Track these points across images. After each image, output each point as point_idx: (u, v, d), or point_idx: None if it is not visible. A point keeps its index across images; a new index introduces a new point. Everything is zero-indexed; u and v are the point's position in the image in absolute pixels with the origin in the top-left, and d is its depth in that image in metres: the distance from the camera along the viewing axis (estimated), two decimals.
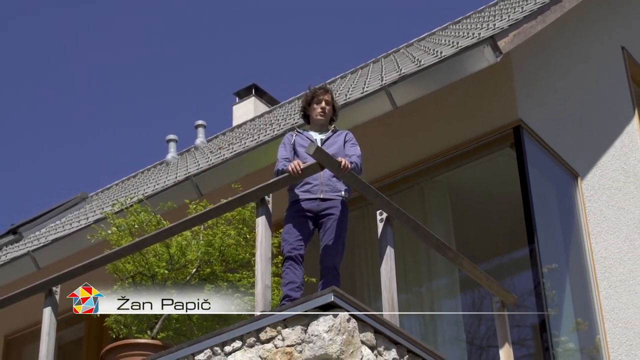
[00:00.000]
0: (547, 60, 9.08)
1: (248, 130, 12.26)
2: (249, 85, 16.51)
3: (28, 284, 7.27)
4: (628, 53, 10.58)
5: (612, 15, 10.73)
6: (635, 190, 9.64)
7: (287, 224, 6.31)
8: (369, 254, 8.23)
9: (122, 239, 7.39)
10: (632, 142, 10.00)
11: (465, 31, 9.77)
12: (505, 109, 8.15)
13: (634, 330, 8.57)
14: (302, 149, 6.37)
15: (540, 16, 8.00)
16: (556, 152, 8.45)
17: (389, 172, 8.48)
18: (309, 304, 5.35)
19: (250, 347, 5.48)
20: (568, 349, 7.76)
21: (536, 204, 7.84)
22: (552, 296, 7.66)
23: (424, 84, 7.63)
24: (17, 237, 13.17)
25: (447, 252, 6.80)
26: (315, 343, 5.23)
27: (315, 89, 6.73)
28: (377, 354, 5.39)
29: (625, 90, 10.31)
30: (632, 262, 9.02)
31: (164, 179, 10.74)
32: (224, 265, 7.20)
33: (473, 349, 7.98)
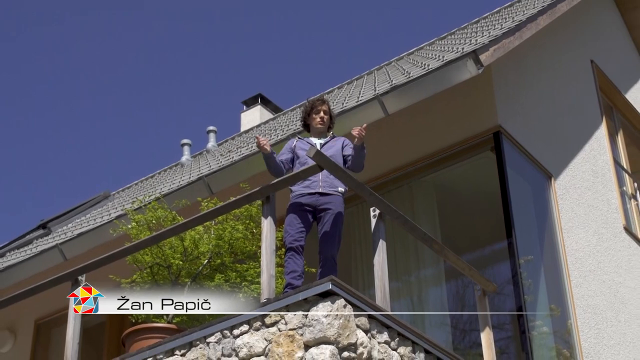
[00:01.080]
0: (524, 72, 9.08)
1: (254, 135, 12.25)
2: (255, 94, 16.51)
3: (56, 273, 7.26)
4: (596, 66, 10.59)
5: (582, 32, 10.73)
6: (603, 190, 9.64)
7: (288, 217, 6.31)
8: (363, 247, 8.22)
9: (141, 233, 7.39)
10: (601, 146, 10.00)
11: (450, 46, 9.76)
12: (485, 116, 8.15)
13: (602, 315, 8.58)
14: (303, 152, 6.39)
15: (518, 32, 8.00)
16: (532, 155, 8.45)
17: (381, 173, 8.48)
18: (309, 292, 5.35)
19: (256, 331, 5.48)
20: (542, 333, 7.76)
21: (514, 201, 7.84)
22: (528, 285, 7.66)
23: (413, 93, 7.62)
24: (47, 231, 13.17)
25: (434, 244, 6.80)
26: (315, 327, 5.23)
27: (314, 100, 6.74)
28: (370, 337, 5.39)
29: (594, 99, 10.31)
30: (600, 254, 9.03)
31: (179, 179, 10.74)
32: (233, 256, 7.20)
33: (457, 332, 7.97)
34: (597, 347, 8.25)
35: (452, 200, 8.65)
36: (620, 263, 9.40)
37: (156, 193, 9.29)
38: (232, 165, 8.67)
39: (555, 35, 9.78)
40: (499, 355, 6.98)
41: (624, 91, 11.20)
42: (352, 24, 32.99)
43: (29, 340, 10.70)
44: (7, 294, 7.75)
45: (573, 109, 9.86)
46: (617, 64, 11.41)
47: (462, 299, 8.08)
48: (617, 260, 9.34)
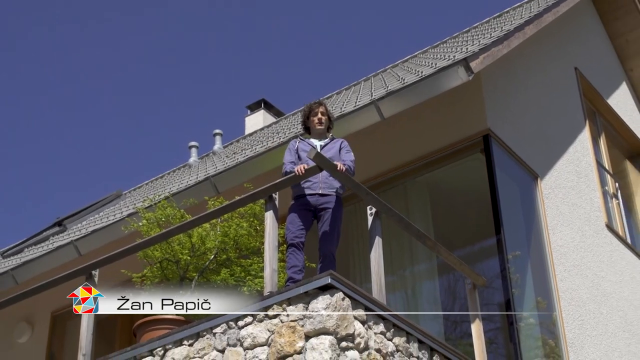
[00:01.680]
0: (512, 78, 9.09)
1: (258, 138, 12.25)
2: (259, 99, 16.48)
3: (71, 268, 7.27)
4: (580, 73, 10.59)
5: (566, 41, 10.73)
6: (586, 189, 9.65)
7: (290, 216, 6.32)
8: (360, 243, 8.22)
9: (151, 230, 7.39)
10: (584, 148, 10.01)
11: (442, 54, 9.76)
12: (475, 120, 8.15)
13: (585, 307, 8.58)
14: (304, 153, 6.40)
15: (506, 41, 8.00)
16: (519, 156, 8.45)
17: (378, 173, 8.48)
18: (309, 285, 5.36)
19: (259, 322, 5.48)
20: (529, 324, 7.76)
21: (502, 200, 7.84)
22: (516, 279, 7.66)
23: (407, 98, 7.63)
24: (62, 228, 13.16)
25: (427, 241, 6.80)
26: (315, 318, 5.23)
27: (311, 104, 6.75)
28: (367, 328, 5.39)
29: (577, 104, 10.31)
30: (583, 250, 9.03)
31: (187, 179, 10.74)
32: (238, 252, 7.19)
33: (448, 323, 7.96)
34: (580, 337, 8.25)
35: (445, 199, 8.65)
36: (603, 258, 9.41)
37: (165, 192, 9.29)
38: (236, 166, 8.67)
39: (542, 43, 9.78)
40: (488, 345, 6.98)
41: (606, 96, 11.20)
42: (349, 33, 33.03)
43: (46, 331, 10.70)
44: (24, 288, 7.76)
45: (558, 114, 9.86)
46: (600, 71, 11.41)
47: (454, 292, 8.07)
48: (599, 256, 9.34)
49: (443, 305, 8.07)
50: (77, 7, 31.32)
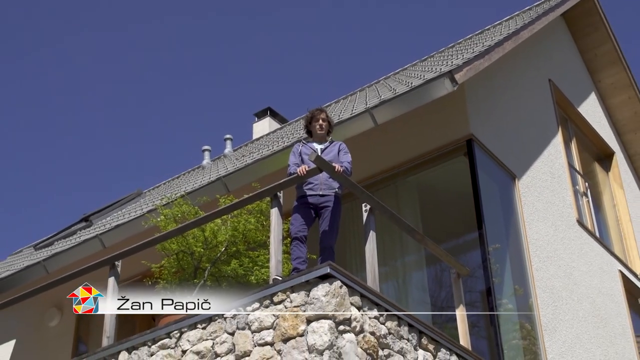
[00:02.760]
0: (492, 89, 9.09)
1: (264, 143, 12.25)
2: (265, 108, 16.46)
3: (96, 259, 7.27)
4: (553, 83, 10.60)
5: (541, 55, 10.74)
6: (559, 188, 9.65)
7: (294, 212, 6.32)
8: (356, 237, 8.22)
9: (168, 225, 7.38)
10: (557, 152, 10.01)
11: (430, 67, 9.77)
12: (460, 126, 8.15)
13: (558, 295, 8.59)
14: (306, 156, 6.39)
15: (487, 55, 8.00)
16: (499, 159, 8.46)
17: (372, 174, 8.48)
18: (310, 275, 5.35)
19: (266, 308, 5.48)
20: (508, 309, 7.76)
21: (483, 198, 7.85)
22: (496, 269, 7.66)
23: (399, 107, 7.63)
24: (88, 223, 13.16)
25: (416, 235, 6.81)
26: (315, 304, 5.23)
27: (313, 110, 6.75)
28: (362, 313, 5.39)
29: (551, 112, 10.32)
30: (557, 243, 9.04)
31: (200, 179, 10.74)
32: (246, 245, 7.19)
33: (435, 309, 7.96)
34: (554, 321, 8.26)
35: (432, 198, 8.66)
36: (574, 250, 9.41)
37: (181, 191, 9.29)
38: (245, 167, 8.67)
39: (519, 57, 9.79)
40: (471, 328, 6.98)
41: (576, 105, 11.20)
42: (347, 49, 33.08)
43: (74, 316, 10.69)
44: (55, 277, 7.76)
45: (534, 120, 9.87)
46: (571, 82, 11.41)
47: (440, 280, 8.07)
48: (571, 248, 9.35)
49: (430, 293, 8.08)
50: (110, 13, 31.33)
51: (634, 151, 12.41)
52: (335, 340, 5.08)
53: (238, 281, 7.07)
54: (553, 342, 8.06)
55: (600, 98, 12.18)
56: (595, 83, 12.13)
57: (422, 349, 5.84)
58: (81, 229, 12.89)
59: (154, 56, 32.60)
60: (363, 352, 5.21)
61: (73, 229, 13.25)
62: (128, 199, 14.23)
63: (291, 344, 5.20)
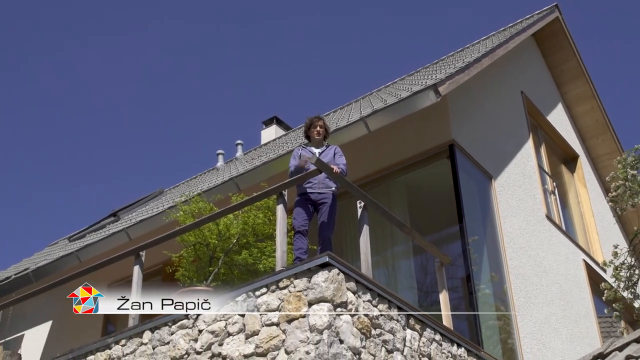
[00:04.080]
0: (471, 100, 9.09)
1: (271, 147, 12.25)
2: (272, 117, 16.47)
3: (123, 250, 7.27)
4: (525, 95, 10.60)
5: (514, 70, 10.74)
6: (530, 187, 9.65)
7: (296, 208, 6.32)
8: (351, 230, 8.22)
9: (187, 219, 7.39)
10: (528, 155, 10.01)
11: (417, 80, 9.76)
12: (442, 132, 8.15)
13: (529, 281, 8.58)
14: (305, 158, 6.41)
15: (467, 70, 8.00)
16: (477, 161, 8.45)
17: (365, 175, 8.48)
18: (311, 263, 5.35)
19: (272, 292, 5.48)
20: (485, 294, 7.76)
21: (464, 196, 7.84)
22: (475, 258, 7.66)
23: (389, 115, 7.62)
24: (116, 218, 13.16)
25: (404, 228, 6.80)
26: (316, 289, 5.22)
27: (312, 118, 6.75)
28: (357, 297, 5.38)
29: (523, 120, 10.31)
30: (528, 235, 9.03)
31: (215, 179, 10.73)
32: (255, 237, 7.19)
33: (421, 293, 7.96)
34: (525, 304, 8.25)
35: (418, 195, 8.65)
36: (543, 242, 9.41)
37: (198, 190, 9.28)
38: (254, 169, 8.66)
39: (495, 72, 9.78)
40: (454, 310, 6.97)
41: (545, 114, 11.20)
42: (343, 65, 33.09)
43: None
44: (87, 265, 7.75)
45: (508, 127, 9.86)
46: (540, 94, 11.40)
47: (425, 268, 8.07)
48: (540, 240, 9.34)
49: (417, 279, 8.07)
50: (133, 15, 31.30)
51: (595, 154, 12.43)
52: (334, 321, 5.08)
53: (248, 269, 7.08)
54: (525, 322, 8.06)
55: (566, 108, 12.18)
56: (562, 95, 12.13)
57: (409, 328, 5.83)
58: (110, 223, 12.90)
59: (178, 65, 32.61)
60: (358, 332, 5.21)
61: (103, 223, 13.26)
62: (151, 197, 14.24)
63: (295, 324, 5.19)
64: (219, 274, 7.00)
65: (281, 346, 5.19)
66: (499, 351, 7.51)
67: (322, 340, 4.97)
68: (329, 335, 4.98)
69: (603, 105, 12.12)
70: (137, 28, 31.51)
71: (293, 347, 5.10)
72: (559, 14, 11.45)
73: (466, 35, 33.48)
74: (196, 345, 5.72)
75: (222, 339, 5.56)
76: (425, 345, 5.93)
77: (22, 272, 10.68)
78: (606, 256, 10.42)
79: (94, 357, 6.47)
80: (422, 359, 5.81)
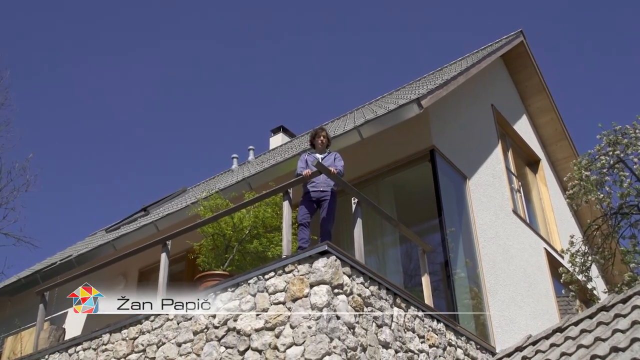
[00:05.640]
0: (449, 111, 9.08)
1: (278, 152, 12.24)
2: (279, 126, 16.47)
3: (152, 239, 7.27)
4: (494, 107, 10.59)
5: (486, 86, 10.73)
6: (498, 186, 9.64)
7: (301, 204, 6.33)
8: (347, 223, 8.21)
9: (206, 213, 7.40)
10: (497, 159, 10.00)
11: (402, 95, 9.76)
12: (424, 139, 8.14)
13: (498, 266, 8.58)
14: (310, 163, 6.41)
15: (445, 87, 8.00)
16: (454, 164, 8.45)
17: (359, 175, 8.47)
18: (312, 251, 5.35)
19: (279, 276, 5.48)
20: (460, 277, 7.76)
21: (442, 193, 7.84)
22: (452, 247, 7.66)
23: (379, 125, 7.62)
24: (146, 212, 13.17)
25: (392, 221, 6.80)
26: (316, 273, 5.22)
27: (317, 129, 6.79)
28: (352, 279, 5.38)
29: (493, 129, 10.31)
30: (497, 227, 9.03)
31: (230, 179, 10.73)
32: (264, 228, 7.20)
33: (406, 276, 7.96)
34: (495, 285, 8.25)
35: (403, 193, 8.65)
36: (510, 233, 9.41)
37: (216, 188, 9.28)
38: (264, 170, 8.66)
39: (469, 88, 9.78)
40: (433, 291, 6.98)
41: (512, 124, 11.19)
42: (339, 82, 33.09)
43: (135, 282, 10.71)
44: (121, 253, 7.76)
45: (480, 135, 9.85)
46: (508, 106, 11.40)
47: (410, 255, 8.07)
48: (508, 231, 9.34)
49: (403, 264, 8.07)
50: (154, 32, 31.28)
51: (555, 158, 12.43)
52: (332, 300, 5.08)
53: (258, 256, 7.08)
54: (494, 301, 8.06)
55: (530, 118, 12.17)
56: (526, 107, 12.13)
57: (396, 306, 5.83)
58: (141, 216, 12.90)
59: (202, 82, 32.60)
60: (352, 309, 5.21)
61: (135, 217, 13.26)
62: (176, 194, 14.23)
63: (298, 302, 5.19)
64: (234, 260, 7.00)
65: (287, 322, 5.19)
66: (472, 325, 7.51)
67: (322, 317, 4.97)
68: (327, 312, 4.98)
69: (561, 116, 12.13)
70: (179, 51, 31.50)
71: (297, 322, 5.11)
72: (524, 38, 11.46)
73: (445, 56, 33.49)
74: (214, 320, 5.72)
75: (237, 316, 5.56)
76: (410, 321, 5.93)
77: (66, 259, 10.69)
78: (564, 245, 10.45)
79: (127, 331, 6.47)
80: (407, 332, 5.82)
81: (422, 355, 5.84)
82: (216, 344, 5.58)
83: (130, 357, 6.26)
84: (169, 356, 5.91)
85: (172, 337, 6.00)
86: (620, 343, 4.82)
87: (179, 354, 5.85)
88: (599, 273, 10.46)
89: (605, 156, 8.76)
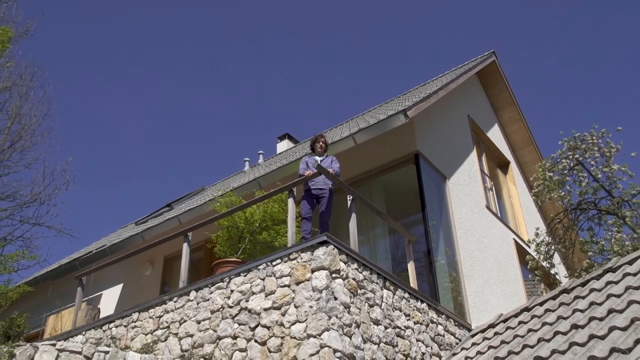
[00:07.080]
0: (431, 121, 9.08)
1: (284, 156, 12.24)
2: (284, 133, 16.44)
3: (175, 231, 7.26)
4: (470, 118, 10.59)
5: (463, 99, 10.73)
6: (474, 185, 9.64)
7: (303, 200, 6.33)
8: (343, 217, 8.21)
9: (222, 209, 7.40)
10: (473, 161, 10.00)
11: (391, 106, 9.76)
12: (410, 145, 8.14)
13: (474, 254, 8.58)
14: (311, 164, 6.42)
15: (428, 99, 8.00)
16: (435, 166, 8.44)
17: (353, 176, 8.47)
18: (313, 241, 5.36)
19: (285, 262, 5.48)
20: (441, 264, 7.75)
21: (426, 191, 7.83)
22: (433, 237, 7.65)
23: (371, 132, 7.62)
24: (170, 208, 13.16)
25: (382, 215, 6.80)
26: (317, 260, 5.23)
27: (317, 136, 6.80)
28: (347, 265, 5.39)
29: (469, 136, 10.31)
30: (473, 220, 9.02)
31: (243, 179, 10.73)
32: (272, 222, 7.20)
33: (394, 263, 7.96)
34: (471, 271, 8.25)
35: (392, 191, 8.65)
36: (484, 226, 9.40)
37: (230, 187, 9.28)
38: (272, 172, 8.66)
39: (449, 101, 9.78)
40: (418, 276, 6.98)
41: (485, 131, 11.19)
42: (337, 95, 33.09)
43: (160, 268, 10.71)
44: (148, 243, 7.76)
45: (458, 141, 9.85)
46: (482, 116, 11.40)
47: (397, 244, 8.06)
48: (482, 224, 9.34)
49: (391, 252, 8.07)
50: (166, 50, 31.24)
51: (523, 161, 12.43)
52: (330, 283, 5.08)
53: (267, 245, 7.08)
54: (470, 284, 8.06)
55: (501, 127, 12.18)
56: (498, 117, 12.13)
57: (385, 289, 5.84)
58: (165, 211, 12.90)
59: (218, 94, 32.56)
60: (348, 291, 5.21)
61: (160, 212, 13.26)
62: (196, 192, 14.23)
63: (301, 285, 5.20)
64: (246, 249, 7.00)
65: (291, 302, 5.20)
66: (452, 305, 7.51)
67: (322, 298, 4.98)
68: (326, 294, 4.99)
69: (528, 125, 12.14)
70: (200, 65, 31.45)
71: (300, 302, 5.11)
72: (495, 57, 11.48)
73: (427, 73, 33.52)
74: (229, 301, 5.73)
75: (248, 297, 5.57)
76: (397, 301, 5.93)
77: (100, 248, 10.69)
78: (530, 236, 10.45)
79: (154, 310, 6.47)
80: (395, 311, 5.82)
81: (408, 330, 5.85)
82: (230, 321, 5.59)
83: (156, 332, 6.26)
84: (189, 332, 5.92)
85: (192, 315, 6.01)
86: (580, 321, 4.83)
87: (198, 330, 5.85)
88: (561, 260, 10.46)
89: (566, 159, 8.79)
